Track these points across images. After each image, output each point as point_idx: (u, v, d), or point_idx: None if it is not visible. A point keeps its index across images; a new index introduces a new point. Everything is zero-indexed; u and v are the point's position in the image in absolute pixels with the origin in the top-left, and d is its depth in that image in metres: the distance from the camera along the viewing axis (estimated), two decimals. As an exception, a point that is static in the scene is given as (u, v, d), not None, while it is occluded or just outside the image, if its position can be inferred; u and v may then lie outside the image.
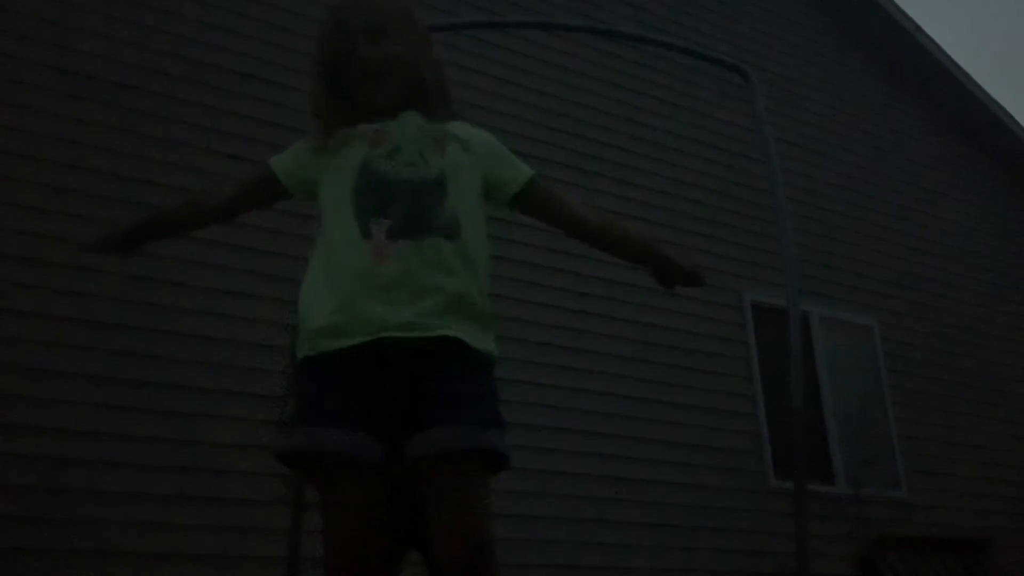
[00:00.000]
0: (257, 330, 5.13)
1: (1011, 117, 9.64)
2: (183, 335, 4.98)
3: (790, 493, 2.85)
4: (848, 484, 7.03)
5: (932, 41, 9.23)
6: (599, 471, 6.09)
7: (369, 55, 1.90)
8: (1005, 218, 9.80)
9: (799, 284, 3.37)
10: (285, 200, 2.03)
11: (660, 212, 7.11)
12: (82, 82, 5.13)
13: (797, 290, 3.04)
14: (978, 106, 9.56)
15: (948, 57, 9.34)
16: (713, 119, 7.70)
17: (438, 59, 2.04)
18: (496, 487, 1.77)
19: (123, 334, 4.82)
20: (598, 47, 7.18)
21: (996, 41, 32.60)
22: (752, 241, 7.42)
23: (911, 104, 9.44)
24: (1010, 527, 7.86)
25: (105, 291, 4.83)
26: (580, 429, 6.09)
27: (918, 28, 9.17)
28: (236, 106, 5.58)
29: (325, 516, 1.77)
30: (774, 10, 8.71)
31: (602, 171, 6.95)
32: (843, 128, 8.70)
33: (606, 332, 6.49)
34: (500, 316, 1.92)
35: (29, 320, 4.63)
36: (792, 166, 7.82)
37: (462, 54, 6.53)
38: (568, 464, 5.97)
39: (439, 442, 1.69)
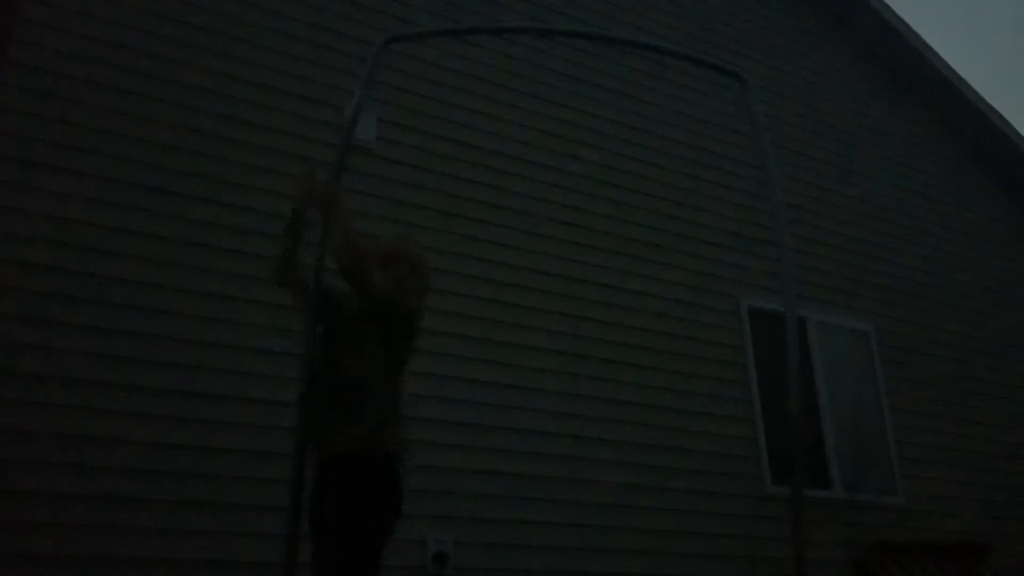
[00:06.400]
0: (255, 337, 5.14)
1: (1008, 124, 9.66)
2: (181, 340, 4.98)
3: (787, 498, 2.85)
4: (845, 489, 7.03)
5: (933, 51, 9.26)
6: (596, 476, 6.09)
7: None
8: (1002, 224, 9.82)
9: (796, 289, 3.38)
10: None
11: (659, 216, 7.12)
12: (90, 88, 5.14)
13: (794, 295, 3.05)
14: (975, 113, 9.59)
15: (952, 69, 9.36)
16: (710, 124, 7.71)
17: None
18: (496, 493, 1.78)
19: (129, 339, 4.82)
20: (594, 52, 7.20)
21: (998, 47, 32.70)
22: (749, 246, 7.43)
23: (909, 112, 9.46)
24: (1007, 532, 7.87)
25: (111, 297, 4.83)
26: (575, 434, 6.09)
27: (915, 34, 9.20)
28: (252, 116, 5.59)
29: None
30: (772, 15, 8.73)
31: (601, 177, 6.96)
32: (841, 135, 8.72)
33: (603, 336, 6.49)
34: (502, 321, 1.93)
35: (25, 324, 4.64)
36: (789, 171, 7.84)
37: (464, 59, 6.55)
38: (565, 469, 5.97)
39: None
